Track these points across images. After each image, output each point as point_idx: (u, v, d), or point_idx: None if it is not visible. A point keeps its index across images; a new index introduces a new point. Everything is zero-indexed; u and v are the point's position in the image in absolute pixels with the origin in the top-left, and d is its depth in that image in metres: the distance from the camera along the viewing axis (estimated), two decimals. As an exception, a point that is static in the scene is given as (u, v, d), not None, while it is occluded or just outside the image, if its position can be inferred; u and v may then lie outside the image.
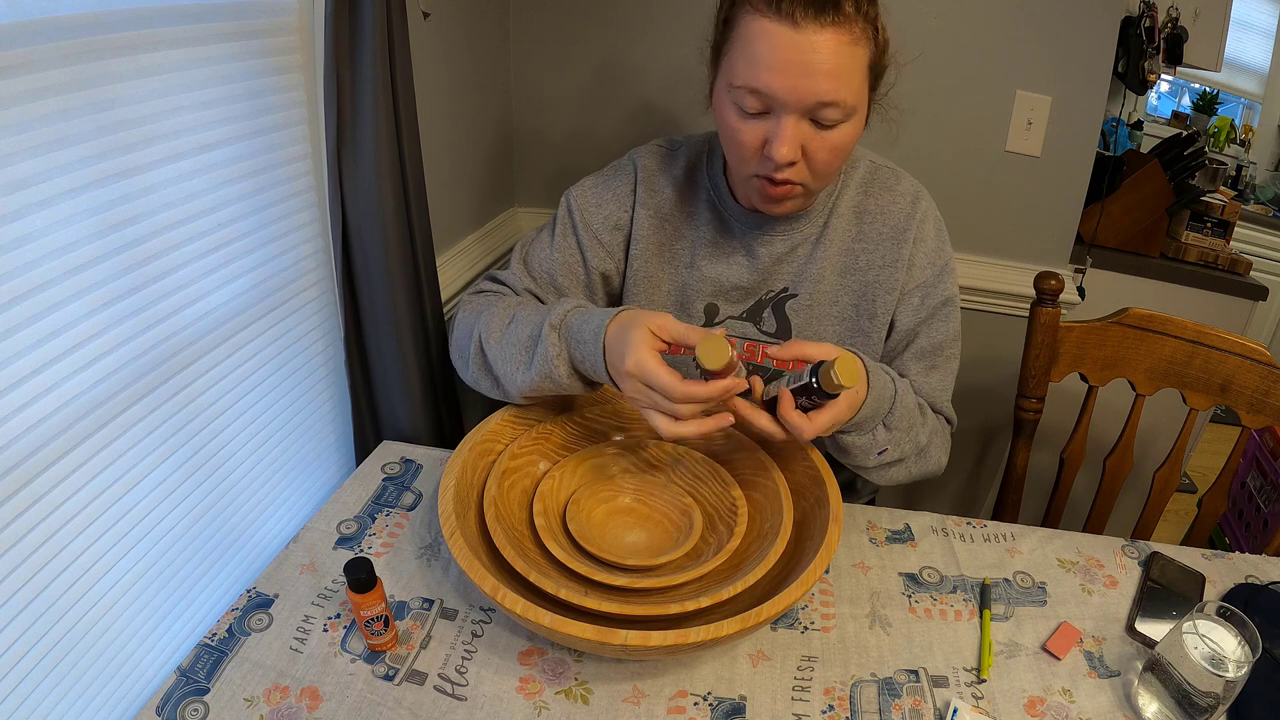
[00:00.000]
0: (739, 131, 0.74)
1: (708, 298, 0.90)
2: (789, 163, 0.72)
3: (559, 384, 0.75)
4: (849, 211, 0.88)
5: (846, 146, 0.74)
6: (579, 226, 0.90)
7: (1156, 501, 1.10)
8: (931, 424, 0.84)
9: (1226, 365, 1.02)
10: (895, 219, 0.87)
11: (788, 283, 0.88)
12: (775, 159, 0.71)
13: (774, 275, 0.88)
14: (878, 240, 0.87)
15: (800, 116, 0.71)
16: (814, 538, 0.69)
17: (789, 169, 0.74)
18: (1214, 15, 1.54)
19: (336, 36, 0.76)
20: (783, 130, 0.70)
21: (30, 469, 0.56)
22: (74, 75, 0.55)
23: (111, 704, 0.66)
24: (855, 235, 0.87)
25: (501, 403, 0.85)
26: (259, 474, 0.85)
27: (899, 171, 0.90)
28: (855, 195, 0.88)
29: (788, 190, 0.76)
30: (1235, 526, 1.91)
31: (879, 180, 0.88)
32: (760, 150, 0.74)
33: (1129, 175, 1.44)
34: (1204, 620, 0.64)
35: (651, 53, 1.35)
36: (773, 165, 0.73)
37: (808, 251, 0.87)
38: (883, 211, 0.87)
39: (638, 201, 0.90)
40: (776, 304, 0.89)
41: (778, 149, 0.71)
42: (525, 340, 0.77)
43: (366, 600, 0.62)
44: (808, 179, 0.76)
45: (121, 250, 0.62)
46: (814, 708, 0.65)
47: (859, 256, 0.87)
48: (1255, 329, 2.10)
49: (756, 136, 0.73)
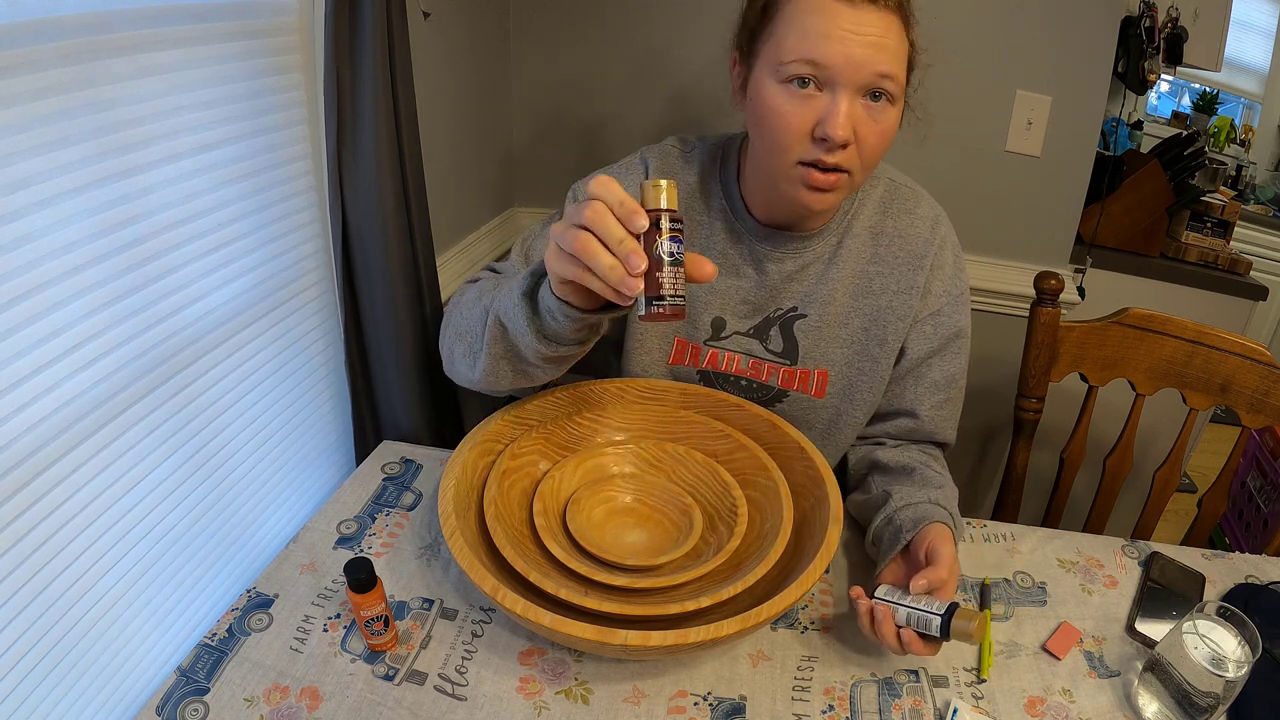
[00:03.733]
0: (787, 115, 0.70)
1: (715, 311, 0.87)
2: (843, 144, 0.69)
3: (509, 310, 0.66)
4: (865, 231, 0.85)
5: (892, 134, 0.72)
6: None
7: (1156, 501, 1.10)
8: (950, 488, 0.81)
9: (1226, 365, 1.02)
10: (913, 244, 0.84)
11: (797, 302, 0.86)
12: (833, 137, 0.68)
13: (783, 293, 0.86)
14: (894, 264, 0.84)
15: (855, 93, 0.69)
16: (814, 538, 0.69)
17: (841, 153, 0.70)
18: (1214, 15, 1.54)
19: (336, 36, 0.76)
20: (839, 106, 0.68)
21: (30, 469, 0.56)
22: (74, 75, 0.55)
23: (111, 704, 0.66)
24: (871, 257, 0.85)
25: (502, 403, 0.85)
26: (259, 474, 0.85)
27: (919, 192, 0.87)
28: (873, 214, 0.85)
29: (836, 180, 0.72)
30: (1235, 526, 1.91)
31: (898, 201, 0.86)
32: (809, 134, 0.70)
33: (1129, 175, 1.44)
34: (1204, 620, 0.64)
35: (652, 51, 1.35)
36: (826, 146, 0.70)
37: (820, 271, 0.85)
38: (901, 235, 0.84)
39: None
40: (784, 323, 0.86)
41: (834, 126, 0.68)
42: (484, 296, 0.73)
43: (366, 600, 0.62)
44: (856, 167, 0.72)
45: (121, 250, 0.62)
46: (814, 708, 0.65)
47: (873, 280, 0.85)
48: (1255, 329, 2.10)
49: (807, 119, 0.70)
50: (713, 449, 0.84)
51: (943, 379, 0.86)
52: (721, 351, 0.88)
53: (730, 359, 0.88)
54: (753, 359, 0.88)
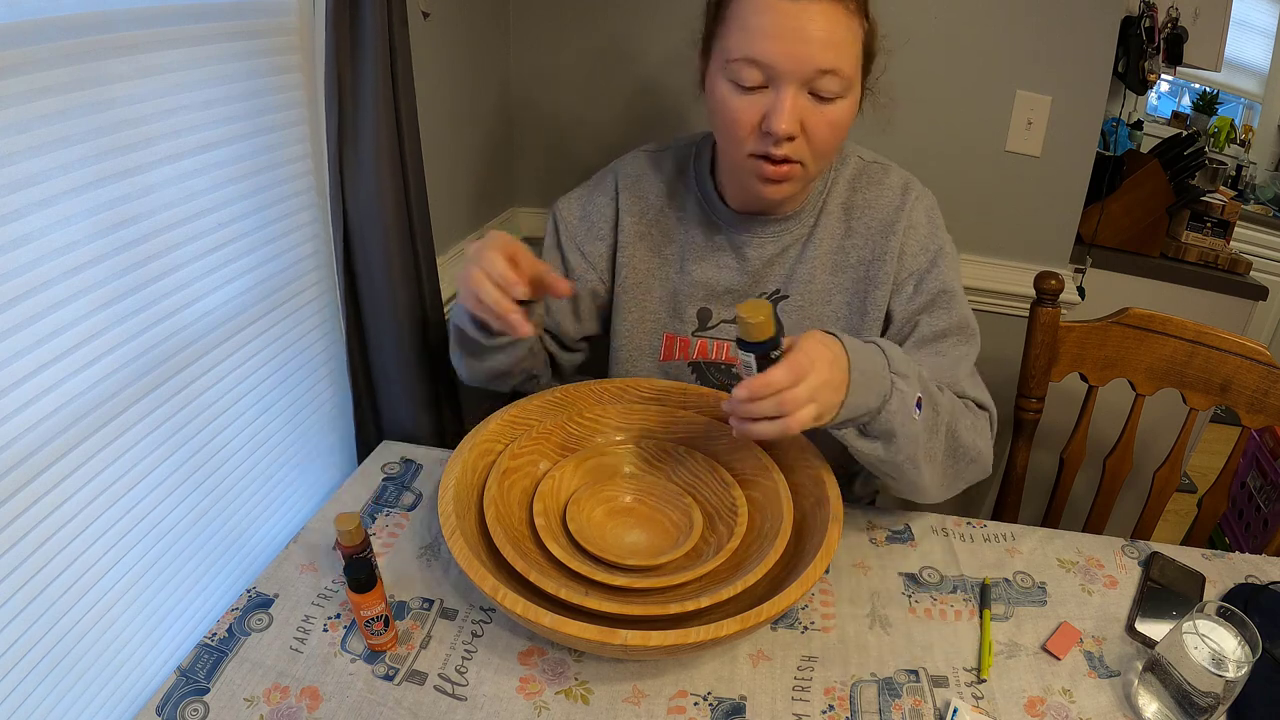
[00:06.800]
0: (736, 110, 0.72)
1: (700, 302, 0.89)
2: (789, 136, 0.71)
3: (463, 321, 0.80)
4: (838, 209, 0.87)
5: (844, 124, 0.73)
6: (563, 240, 0.91)
7: (1156, 501, 1.10)
8: (950, 402, 0.76)
9: (1226, 365, 1.02)
10: (884, 211, 0.85)
11: (779, 284, 0.88)
12: (776, 131, 0.70)
13: (765, 278, 0.88)
14: (867, 235, 0.86)
15: (799, 87, 0.70)
16: (814, 538, 0.69)
17: (789, 145, 0.72)
18: (1214, 15, 1.54)
19: (336, 36, 0.76)
20: (783, 101, 0.70)
21: (30, 469, 0.56)
22: (74, 75, 0.55)
23: (111, 704, 0.66)
24: (844, 232, 0.87)
25: (503, 402, 0.85)
26: (259, 474, 0.85)
27: (888, 165, 0.89)
28: (844, 192, 0.87)
29: (787, 170, 0.75)
30: (1235, 526, 1.91)
31: (867, 175, 0.88)
32: (758, 127, 0.72)
33: (1129, 175, 1.44)
34: (1204, 620, 0.64)
35: (654, 51, 1.35)
36: (772, 140, 0.71)
37: (797, 252, 0.87)
38: (870, 205, 0.86)
39: (621, 209, 0.90)
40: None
41: (778, 121, 0.70)
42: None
43: (366, 600, 0.62)
44: (807, 157, 0.74)
45: (121, 250, 0.62)
46: (814, 708, 0.65)
47: (849, 253, 0.86)
48: (1255, 329, 2.10)
49: (754, 113, 0.72)
50: (713, 449, 0.84)
51: (931, 334, 0.83)
52: (711, 341, 0.90)
53: (720, 347, 0.90)
54: (701, 339, 0.90)
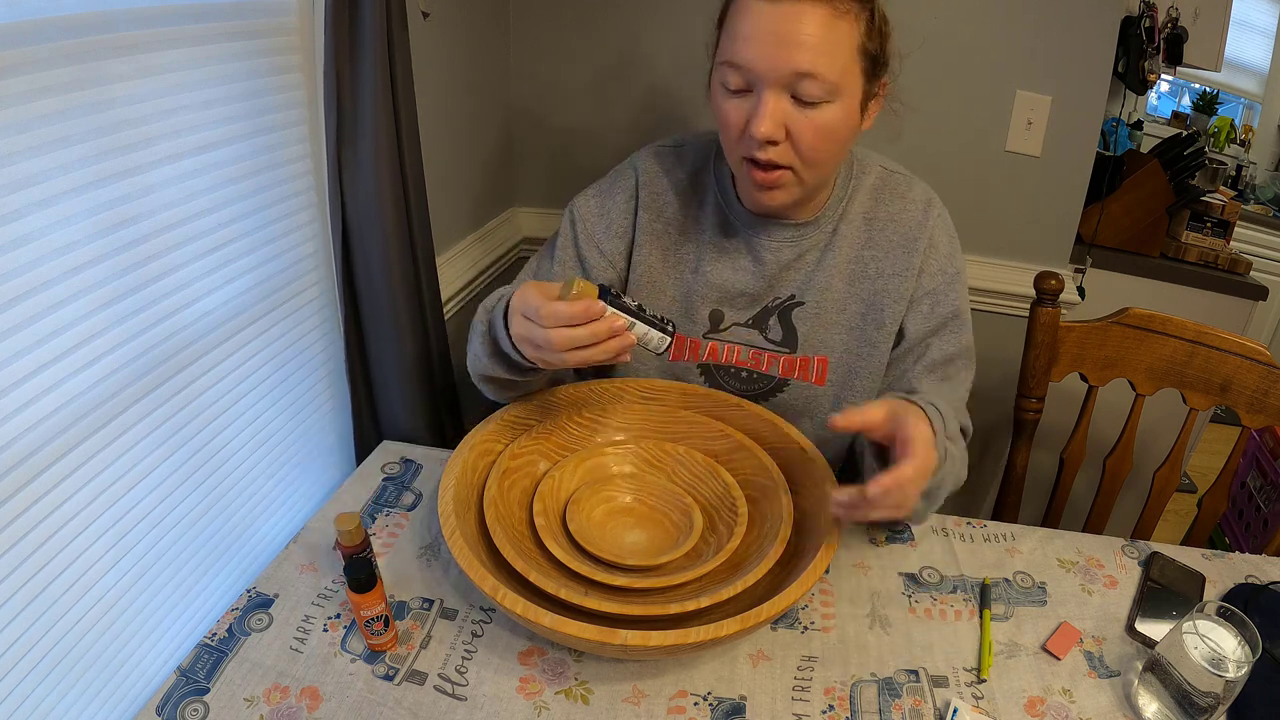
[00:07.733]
0: (726, 114, 0.73)
1: (713, 303, 0.88)
2: (770, 141, 0.71)
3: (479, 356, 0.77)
4: (859, 218, 0.86)
5: (834, 130, 0.72)
6: (580, 238, 0.90)
7: (1156, 501, 1.10)
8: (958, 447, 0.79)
9: (1226, 365, 1.02)
10: (906, 226, 0.85)
11: (795, 290, 0.87)
12: (754, 134, 0.70)
13: (781, 282, 0.87)
14: (888, 248, 0.85)
15: (779, 91, 0.69)
16: (814, 537, 0.69)
17: (772, 150, 0.72)
18: (1214, 15, 1.54)
19: (336, 36, 0.76)
20: (762, 105, 0.69)
21: (30, 469, 0.56)
22: (74, 75, 0.55)
23: (111, 704, 0.66)
24: (865, 242, 0.86)
25: (503, 402, 0.85)
26: (259, 474, 0.85)
27: (912, 178, 0.88)
28: (866, 201, 0.86)
29: (777, 177, 0.74)
30: (1235, 526, 1.91)
31: (890, 187, 0.87)
32: (745, 130, 0.72)
33: (1129, 175, 1.44)
34: (1204, 620, 0.64)
35: (653, 51, 1.35)
36: (755, 143, 0.72)
37: (816, 259, 0.86)
38: (893, 219, 0.85)
39: (640, 205, 0.88)
40: (783, 312, 0.87)
41: (756, 124, 0.70)
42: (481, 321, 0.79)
43: (366, 600, 0.62)
44: (795, 163, 0.74)
45: (121, 250, 0.62)
46: (814, 708, 0.65)
47: (868, 264, 0.86)
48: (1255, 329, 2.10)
49: (740, 115, 0.72)
50: (713, 449, 0.84)
51: (941, 358, 0.85)
52: (721, 343, 0.89)
53: (730, 350, 0.89)
54: (753, 349, 0.88)
